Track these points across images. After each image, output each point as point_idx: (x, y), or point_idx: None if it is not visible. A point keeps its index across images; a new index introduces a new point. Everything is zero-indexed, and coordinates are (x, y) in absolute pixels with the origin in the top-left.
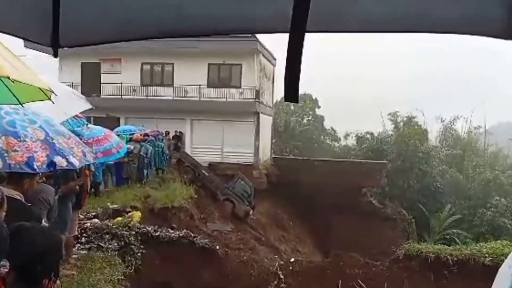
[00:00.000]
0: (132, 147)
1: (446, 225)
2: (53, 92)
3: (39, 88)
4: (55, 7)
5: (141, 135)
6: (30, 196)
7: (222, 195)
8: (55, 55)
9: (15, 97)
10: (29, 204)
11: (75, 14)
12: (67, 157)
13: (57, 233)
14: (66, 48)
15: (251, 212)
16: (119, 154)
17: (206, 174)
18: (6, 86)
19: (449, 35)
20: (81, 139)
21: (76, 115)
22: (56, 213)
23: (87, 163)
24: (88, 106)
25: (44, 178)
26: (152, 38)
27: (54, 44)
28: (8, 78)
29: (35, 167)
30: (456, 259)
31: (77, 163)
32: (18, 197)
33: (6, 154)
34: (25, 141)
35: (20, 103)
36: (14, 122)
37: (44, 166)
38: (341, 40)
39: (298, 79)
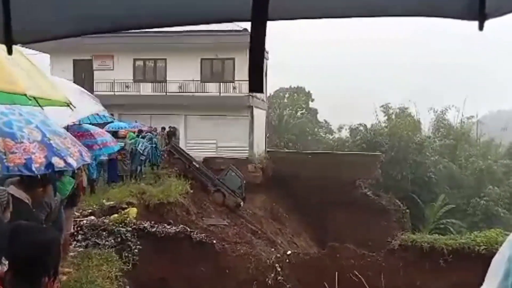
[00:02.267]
0: (123, 144)
1: (440, 215)
2: (70, 104)
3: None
4: (5, 2)
5: (126, 131)
6: (36, 200)
7: (212, 187)
8: (9, 52)
9: (37, 102)
10: (34, 209)
11: (28, 9)
12: (65, 157)
13: (56, 232)
14: (56, 47)
15: (241, 203)
16: (115, 148)
17: (197, 165)
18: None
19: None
20: (86, 132)
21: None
22: (55, 216)
23: (84, 163)
24: (100, 108)
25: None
26: (108, 32)
27: (7, 41)
28: (25, 95)
29: (34, 169)
30: (450, 248)
31: (74, 164)
32: (27, 200)
33: (4, 157)
34: (22, 142)
35: (41, 106)
36: (11, 123)
37: (43, 168)
38: (330, 30)
39: (262, 68)
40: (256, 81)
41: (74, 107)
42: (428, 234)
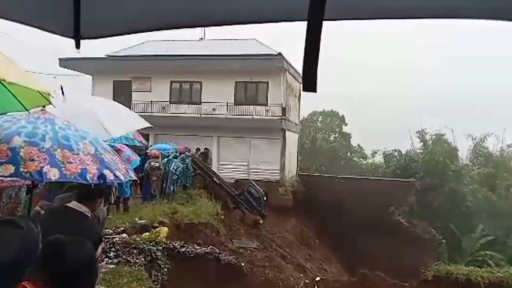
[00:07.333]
0: (156, 164)
1: (478, 246)
2: (50, 94)
3: (39, 92)
4: (75, 0)
5: (157, 152)
6: (94, 213)
7: (232, 203)
8: (77, 46)
9: (21, 104)
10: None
11: (96, 5)
12: (114, 171)
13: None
14: (98, 69)
15: (261, 221)
16: (135, 162)
17: (217, 181)
18: (12, 93)
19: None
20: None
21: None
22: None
23: (130, 179)
24: (146, 124)
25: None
26: (171, 28)
27: (76, 36)
28: (4, 80)
29: (88, 178)
30: (488, 282)
31: (122, 178)
32: (88, 214)
33: (62, 166)
34: (78, 154)
35: (27, 110)
36: (68, 136)
37: (96, 178)
38: (363, 54)
39: (316, 68)
40: (310, 81)
41: (52, 104)
42: (465, 266)
